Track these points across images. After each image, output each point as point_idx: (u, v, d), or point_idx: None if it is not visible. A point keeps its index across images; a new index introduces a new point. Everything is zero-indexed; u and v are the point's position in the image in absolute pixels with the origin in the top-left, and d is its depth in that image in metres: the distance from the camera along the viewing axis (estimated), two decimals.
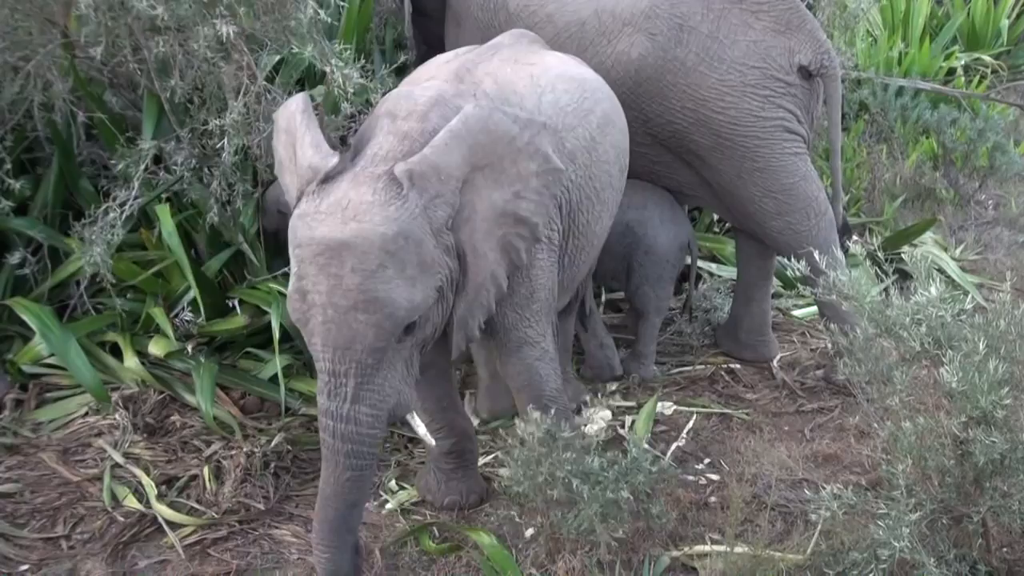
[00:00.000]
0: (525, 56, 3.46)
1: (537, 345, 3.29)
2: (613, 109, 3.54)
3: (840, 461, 3.79)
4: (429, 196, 2.75)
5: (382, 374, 2.76)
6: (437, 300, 2.82)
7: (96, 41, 3.86)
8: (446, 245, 2.81)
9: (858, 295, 2.98)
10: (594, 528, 3.02)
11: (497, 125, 2.90)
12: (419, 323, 2.79)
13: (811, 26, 4.03)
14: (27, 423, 3.90)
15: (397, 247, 2.66)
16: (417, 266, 2.71)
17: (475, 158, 2.86)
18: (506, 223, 2.97)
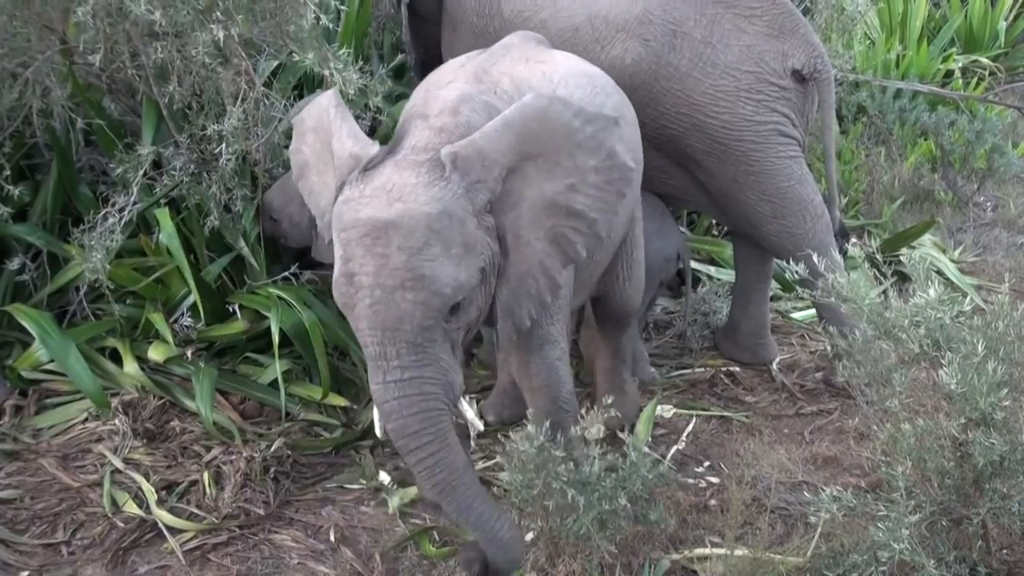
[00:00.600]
0: (535, 55, 3.48)
1: (557, 345, 3.30)
2: (623, 104, 3.55)
3: (840, 463, 3.79)
4: (471, 179, 2.77)
5: (433, 352, 2.74)
6: (481, 281, 2.83)
7: (94, 47, 3.86)
8: (487, 226, 2.82)
9: (857, 297, 2.98)
10: (591, 535, 3.02)
11: (556, 116, 2.88)
12: (464, 304, 2.79)
13: (804, 30, 4.04)
14: (27, 429, 3.89)
15: (442, 226, 2.68)
16: (462, 245, 2.72)
17: (525, 147, 2.86)
18: (557, 215, 2.94)
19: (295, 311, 4.03)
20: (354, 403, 4.13)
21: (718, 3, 3.99)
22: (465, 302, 2.80)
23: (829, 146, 4.24)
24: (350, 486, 3.72)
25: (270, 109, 4.09)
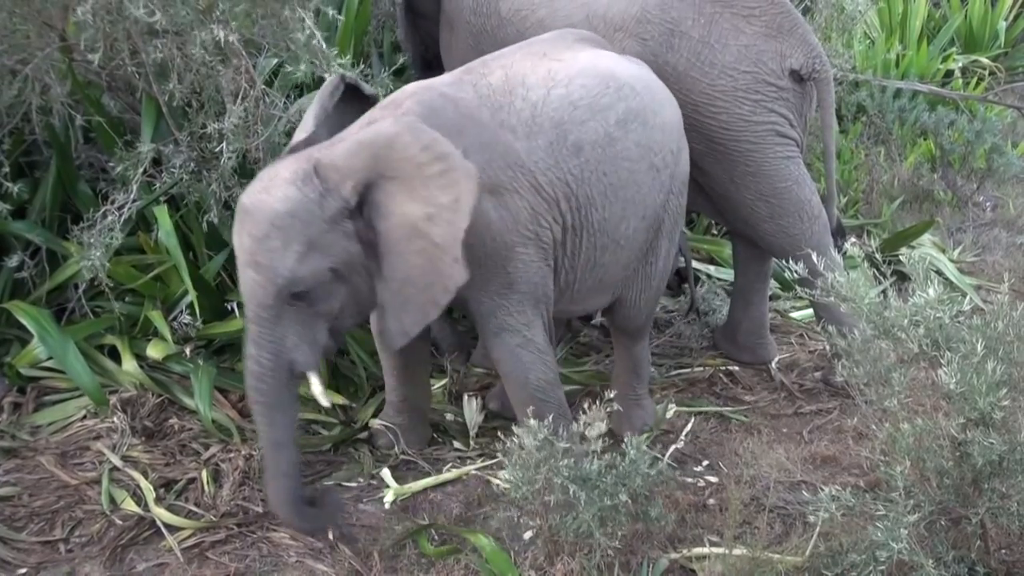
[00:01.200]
0: (557, 51, 3.52)
1: (519, 333, 3.40)
2: (646, 107, 3.51)
3: (838, 463, 3.79)
4: (327, 187, 3.02)
5: (279, 330, 3.06)
6: (334, 279, 3.08)
7: (94, 45, 3.86)
8: (345, 231, 3.05)
9: (856, 297, 2.98)
10: (592, 532, 3.02)
11: (404, 147, 3.02)
12: (315, 295, 3.06)
13: (802, 30, 4.03)
14: (25, 426, 3.89)
15: (284, 223, 2.98)
16: (304, 243, 2.99)
17: (379, 168, 3.04)
18: (423, 239, 3.08)
19: None
20: (352, 401, 4.13)
21: (716, 2, 3.99)
22: (318, 293, 3.06)
23: (829, 146, 4.24)
24: (348, 484, 3.72)
25: (270, 107, 4.09)
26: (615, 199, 3.46)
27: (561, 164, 3.35)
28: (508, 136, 3.30)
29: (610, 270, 3.60)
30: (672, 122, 3.63)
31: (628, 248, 3.58)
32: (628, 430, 3.62)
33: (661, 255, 3.77)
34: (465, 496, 3.66)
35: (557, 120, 3.34)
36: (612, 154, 3.43)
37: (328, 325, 3.16)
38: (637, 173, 3.49)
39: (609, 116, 3.42)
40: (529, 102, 3.34)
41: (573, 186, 3.38)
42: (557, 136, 3.33)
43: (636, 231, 3.56)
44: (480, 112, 3.29)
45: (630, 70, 3.60)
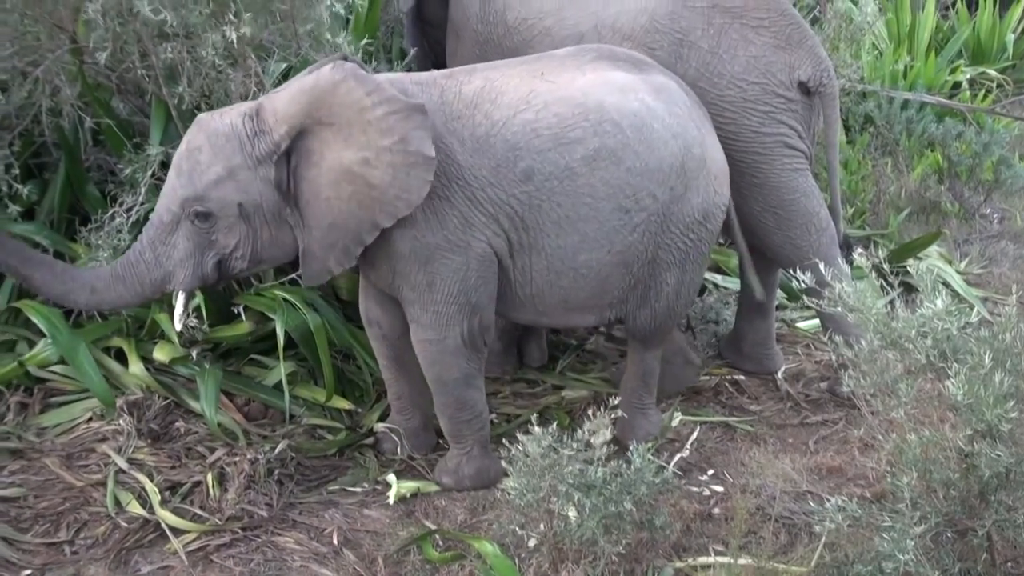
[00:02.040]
0: (559, 71, 3.51)
1: (431, 330, 3.50)
2: (626, 146, 3.44)
3: (844, 473, 3.79)
4: (260, 128, 3.22)
5: (172, 238, 3.28)
6: (238, 216, 3.25)
7: (104, 47, 3.88)
8: (264, 176, 3.24)
9: (864, 307, 2.98)
10: (597, 540, 3.02)
11: (348, 91, 3.18)
12: (214, 221, 3.25)
13: (812, 42, 4.03)
14: (31, 427, 3.89)
15: (215, 145, 3.22)
16: (224, 170, 3.21)
17: (317, 113, 3.20)
18: (356, 183, 3.23)
19: (300, 313, 4.03)
20: (358, 406, 4.14)
21: (726, 13, 3.98)
22: (218, 221, 3.25)
23: (833, 161, 4.24)
24: (353, 489, 3.72)
25: None
26: (571, 230, 3.45)
27: (505, 187, 3.39)
28: (454, 146, 3.37)
29: (577, 294, 3.59)
30: (664, 166, 3.49)
31: (594, 278, 3.56)
32: (632, 439, 3.62)
33: (668, 284, 3.67)
34: (470, 502, 3.66)
35: (512, 144, 3.37)
36: (571, 187, 3.42)
37: (218, 258, 3.33)
38: (601, 211, 3.46)
39: (575, 150, 3.40)
40: (490, 120, 3.39)
41: (519, 209, 3.41)
42: (506, 159, 3.37)
43: (602, 264, 3.54)
44: (434, 117, 3.34)
45: (629, 105, 3.48)
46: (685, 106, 3.61)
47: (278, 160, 3.24)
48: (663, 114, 3.52)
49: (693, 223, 3.62)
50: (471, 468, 3.72)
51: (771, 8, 3.99)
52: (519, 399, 4.32)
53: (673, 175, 3.52)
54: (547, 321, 3.77)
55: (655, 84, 3.59)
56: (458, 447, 3.73)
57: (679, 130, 3.53)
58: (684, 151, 3.53)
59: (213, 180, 3.22)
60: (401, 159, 3.20)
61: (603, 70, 3.57)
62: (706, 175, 3.61)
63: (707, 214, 3.64)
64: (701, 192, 3.60)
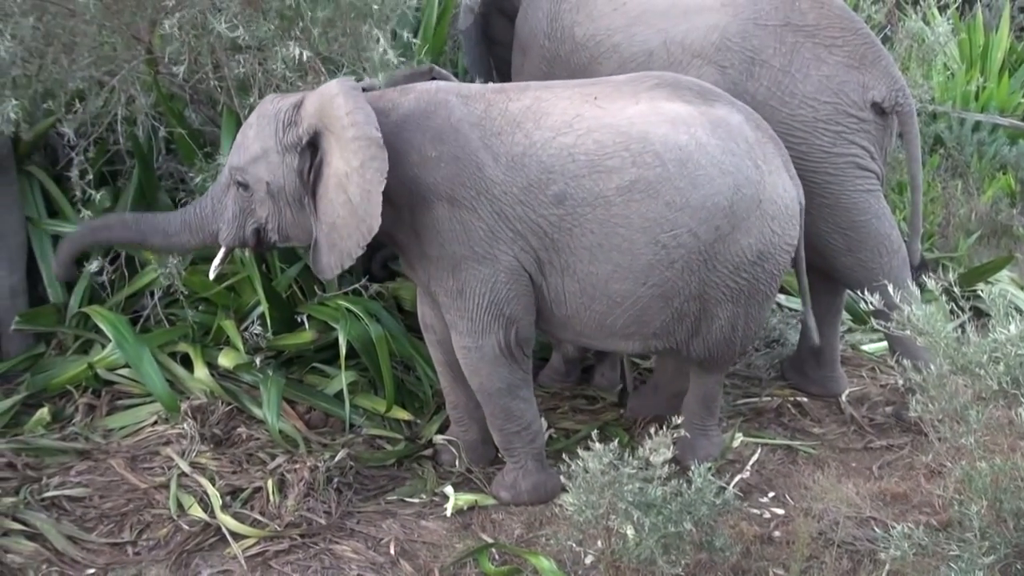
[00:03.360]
0: (613, 98, 3.48)
1: (467, 337, 3.54)
2: (666, 180, 3.37)
3: (909, 500, 3.71)
4: (294, 121, 3.41)
5: (225, 199, 3.54)
6: (267, 193, 3.46)
7: (179, 59, 3.96)
8: (289, 163, 3.42)
9: (933, 331, 2.93)
10: (655, 559, 2.99)
11: (335, 108, 3.33)
12: (252, 192, 3.47)
13: (886, 62, 3.97)
14: (98, 429, 3.97)
15: (259, 127, 3.44)
16: (260, 150, 3.43)
17: (324, 120, 3.37)
18: (345, 193, 3.36)
19: (362, 323, 4.07)
20: (417, 417, 4.15)
21: (798, 31, 3.95)
22: (254, 193, 3.47)
23: (916, 178, 4.15)
24: (411, 500, 3.74)
25: None
26: (604, 259, 3.42)
27: (536, 207, 3.39)
28: (487, 161, 3.39)
29: (614, 321, 3.54)
30: (708, 204, 3.39)
31: (630, 308, 3.50)
32: (691, 459, 3.59)
33: (720, 318, 3.58)
34: (527, 517, 3.65)
35: (547, 166, 3.37)
36: (604, 216, 3.38)
37: (256, 226, 3.53)
38: (635, 244, 3.40)
39: (611, 179, 3.36)
40: (529, 140, 3.39)
41: (549, 231, 3.41)
42: (540, 180, 3.37)
43: (638, 296, 3.48)
44: (471, 130, 3.40)
45: (676, 138, 3.40)
46: (744, 143, 3.48)
47: (302, 151, 3.41)
48: (714, 150, 3.42)
49: (745, 263, 3.50)
50: (528, 483, 3.71)
51: (845, 27, 3.94)
52: (578, 414, 4.30)
53: (719, 214, 3.41)
54: (588, 343, 3.75)
55: (714, 118, 3.49)
56: (512, 461, 3.73)
57: (731, 168, 3.42)
58: (733, 190, 3.41)
59: (252, 156, 3.45)
60: (362, 183, 3.30)
61: (660, 99, 3.50)
62: (760, 216, 3.47)
63: (762, 255, 3.52)
64: (754, 233, 3.48)
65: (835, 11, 3.98)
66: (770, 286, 3.63)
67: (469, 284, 3.46)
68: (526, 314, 3.55)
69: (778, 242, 3.55)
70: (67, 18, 3.94)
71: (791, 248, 3.62)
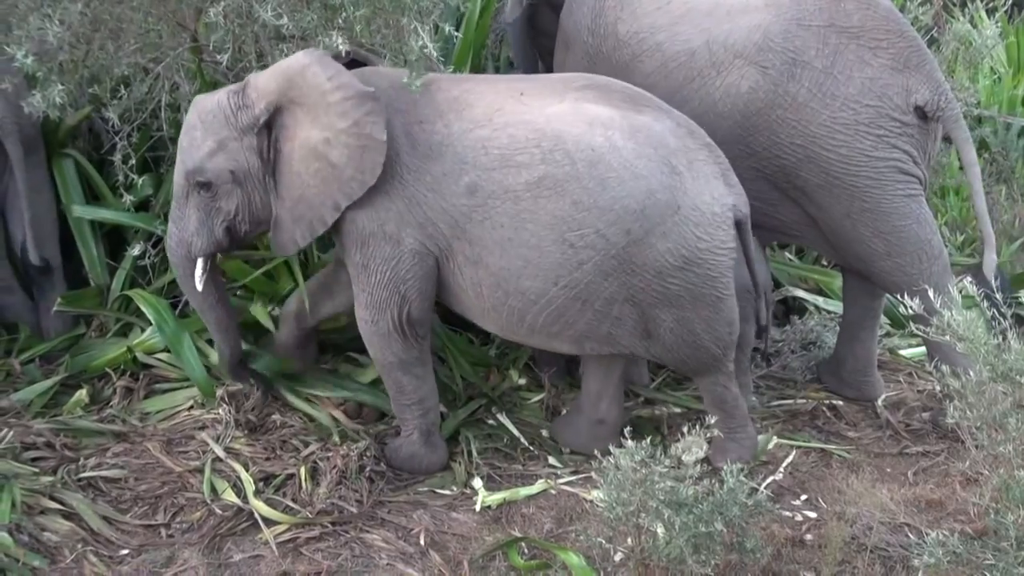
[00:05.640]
0: (536, 95, 3.54)
1: (366, 310, 3.65)
2: (575, 179, 3.40)
3: (944, 507, 3.67)
4: (244, 103, 3.51)
5: (185, 211, 3.61)
6: (232, 182, 3.54)
7: (223, 47, 3.98)
8: (248, 145, 3.51)
9: (974, 337, 2.89)
10: (685, 559, 2.98)
11: (313, 76, 3.43)
12: (216, 189, 3.54)
13: (930, 66, 3.92)
14: (135, 412, 4.02)
15: (205, 118, 3.53)
16: (215, 143, 3.51)
17: (290, 93, 3.46)
18: (320, 160, 3.46)
19: None
20: (449, 408, 4.16)
21: (842, 33, 3.91)
22: (218, 188, 3.54)
23: (974, 183, 4.04)
24: (442, 491, 3.75)
25: None
26: (514, 254, 3.45)
27: (448, 196, 3.47)
28: (405, 147, 3.50)
29: (533, 319, 3.56)
30: (617, 207, 3.40)
31: (545, 306, 3.52)
32: (721, 461, 3.58)
33: (666, 321, 3.57)
34: (557, 512, 3.65)
35: (461, 157, 3.46)
36: (512, 210, 3.43)
37: (226, 223, 3.61)
38: (543, 240, 3.43)
39: (520, 174, 3.42)
40: (449, 130, 3.49)
41: (461, 221, 3.48)
42: (453, 171, 3.46)
43: (551, 295, 3.50)
44: (396, 116, 3.51)
45: (591, 140, 3.43)
46: (664, 148, 3.48)
47: (259, 131, 3.51)
48: (628, 154, 3.43)
49: (668, 268, 3.48)
50: (406, 451, 3.83)
51: (890, 29, 3.90)
52: None
53: (628, 217, 3.41)
54: (526, 341, 3.77)
55: (635, 123, 3.50)
56: (404, 429, 3.85)
57: (644, 172, 3.42)
58: (646, 195, 3.41)
59: (207, 152, 3.52)
60: (355, 141, 3.41)
61: (585, 101, 3.53)
62: (679, 222, 3.45)
63: (688, 260, 3.48)
64: (672, 238, 3.46)
65: (881, 13, 3.93)
66: (714, 288, 3.58)
67: (373, 260, 3.57)
68: (421, 297, 3.64)
69: (706, 247, 3.52)
70: (114, 4, 3.97)
71: (725, 252, 3.57)
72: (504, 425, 4.10)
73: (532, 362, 4.42)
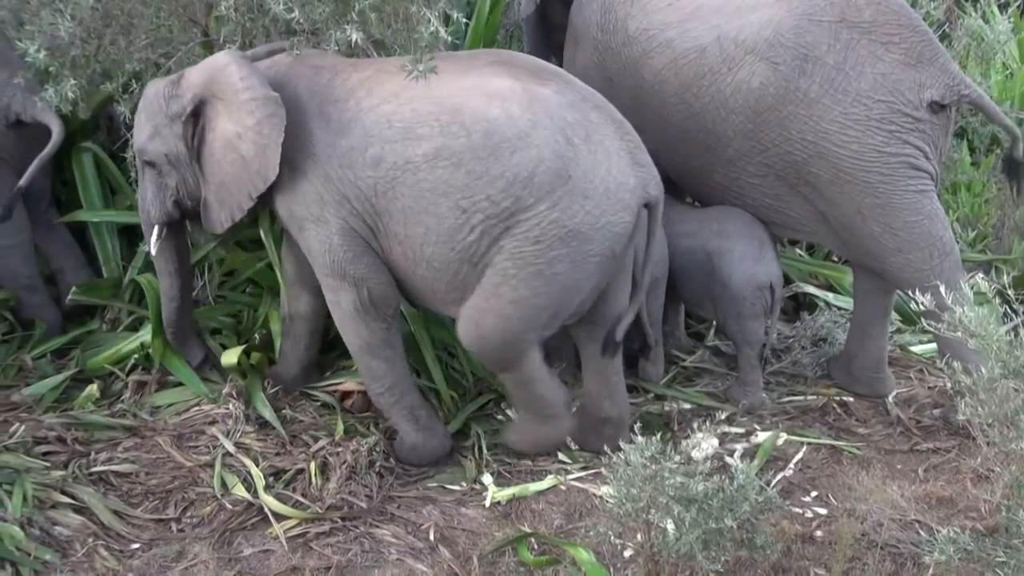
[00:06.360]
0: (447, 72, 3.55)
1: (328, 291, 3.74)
2: (470, 150, 3.45)
3: (955, 504, 3.66)
4: (177, 92, 3.71)
5: (143, 183, 3.88)
6: (168, 164, 3.78)
7: (234, 41, 3.98)
8: (176, 132, 3.73)
9: (986, 333, 2.88)
10: (695, 555, 2.97)
11: (228, 75, 3.61)
12: (157, 168, 3.79)
13: (943, 60, 3.90)
14: (146, 406, 4.03)
15: (146, 108, 3.79)
16: (152, 128, 3.75)
17: (212, 87, 3.65)
18: (234, 152, 3.63)
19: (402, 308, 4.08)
20: (459, 403, 4.16)
21: (854, 28, 3.89)
22: (160, 167, 3.79)
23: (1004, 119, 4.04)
24: (451, 487, 3.75)
25: None
26: (415, 222, 3.52)
27: (356, 170, 3.55)
28: (318, 127, 3.61)
29: (438, 287, 3.63)
30: (508, 174, 3.44)
31: (446, 272, 3.58)
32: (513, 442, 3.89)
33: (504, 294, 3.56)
34: (566, 507, 3.65)
35: (368, 131, 3.54)
36: (412, 180, 3.49)
37: (173, 198, 3.84)
38: (440, 207, 3.49)
39: (419, 146, 3.48)
40: (359, 107, 3.58)
41: (368, 194, 3.56)
42: (360, 144, 3.54)
43: (450, 260, 3.56)
44: (311, 98, 3.64)
45: (488, 112, 3.48)
46: (561, 120, 3.50)
47: (186, 120, 3.70)
48: (523, 124, 3.47)
49: (549, 239, 3.49)
50: (407, 444, 3.87)
51: (902, 24, 3.88)
52: None
53: (518, 184, 3.46)
54: (444, 311, 3.81)
55: (535, 94, 3.53)
56: (394, 423, 3.89)
57: (537, 141, 3.46)
58: (536, 163, 3.45)
59: (147, 136, 3.76)
60: (259, 139, 3.56)
61: (490, 76, 3.58)
62: (568, 192, 3.47)
63: (572, 233, 3.49)
64: (560, 209, 3.47)
65: (893, 7, 3.92)
66: (576, 271, 3.55)
67: (312, 245, 3.67)
68: (373, 274, 3.66)
69: (594, 223, 3.52)
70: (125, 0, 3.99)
71: (615, 236, 3.57)
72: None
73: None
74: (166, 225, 3.87)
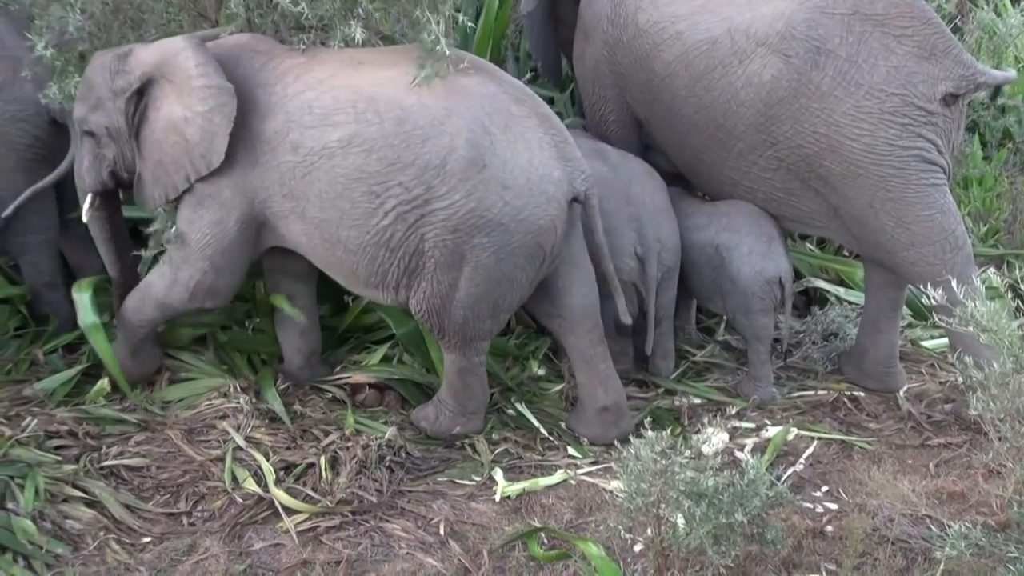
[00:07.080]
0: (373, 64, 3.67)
1: (165, 263, 3.88)
2: (381, 137, 3.53)
3: (966, 500, 3.65)
4: (124, 69, 3.76)
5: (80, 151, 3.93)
6: (107, 135, 3.84)
7: None
8: (118, 107, 3.79)
9: (998, 328, 2.87)
10: (705, 549, 2.97)
11: (183, 60, 3.67)
12: (96, 138, 3.85)
13: (957, 52, 3.88)
14: (158, 401, 4.04)
15: (90, 79, 3.81)
16: (95, 100, 3.80)
17: (164, 69, 3.71)
18: (179, 135, 3.70)
19: None
20: None
21: (867, 20, 3.88)
22: (99, 138, 3.84)
23: None
24: (461, 481, 3.75)
25: None
26: (331, 206, 3.61)
27: (278, 154, 3.65)
28: (248, 109, 3.67)
29: (356, 269, 3.70)
30: (420, 162, 3.51)
31: (362, 255, 3.66)
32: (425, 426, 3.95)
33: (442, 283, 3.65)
34: (576, 502, 3.65)
35: (290, 116, 3.63)
36: (328, 166, 3.58)
37: (110, 168, 3.91)
38: (353, 192, 3.57)
39: (334, 132, 3.57)
40: (285, 92, 3.67)
41: (287, 177, 3.65)
42: (282, 128, 3.64)
43: (366, 244, 3.63)
44: (242, 82, 3.69)
45: (403, 100, 3.56)
46: (479, 110, 3.55)
47: (130, 97, 3.77)
48: (438, 113, 3.53)
49: (467, 228, 3.55)
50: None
51: (915, 16, 3.87)
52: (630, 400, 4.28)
53: (430, 171, 3.53)
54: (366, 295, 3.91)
55: (455, 85, 3.59)
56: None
57: (451, 130, 3.52)
58: (448, 151, 3.51)
59: (90, 106, 3.82)
60: (208, 125, 3.63)
61: (414, 67, 3.61)
62: (483, 181, 3.52)
63: (489, 223, 3.54)
64: (476, 197, 3.52)
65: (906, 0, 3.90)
66: (501, 262, 3.61)
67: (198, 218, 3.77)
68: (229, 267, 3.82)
69: (513, 215, 3.55)
70: None
71: (539, 229, 3.60)
72: (524, 415, 4.10)
73: (552, 352, 4.42)
74: (99, 194, 3.95)
